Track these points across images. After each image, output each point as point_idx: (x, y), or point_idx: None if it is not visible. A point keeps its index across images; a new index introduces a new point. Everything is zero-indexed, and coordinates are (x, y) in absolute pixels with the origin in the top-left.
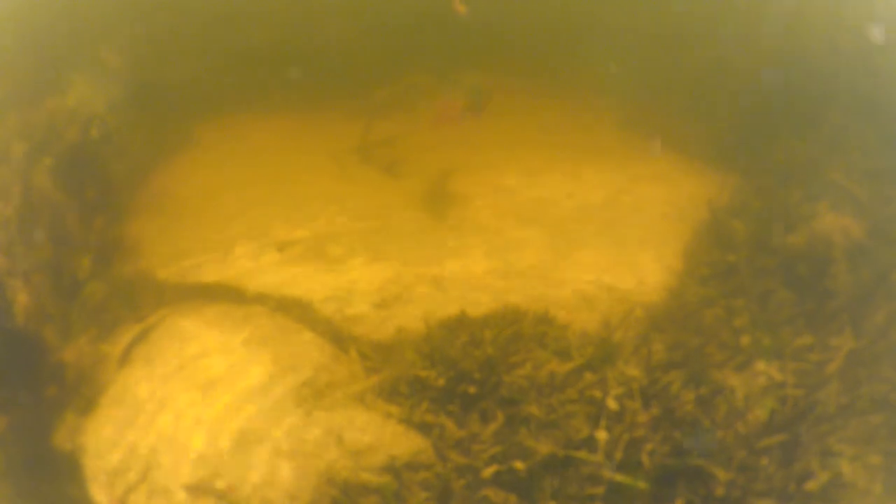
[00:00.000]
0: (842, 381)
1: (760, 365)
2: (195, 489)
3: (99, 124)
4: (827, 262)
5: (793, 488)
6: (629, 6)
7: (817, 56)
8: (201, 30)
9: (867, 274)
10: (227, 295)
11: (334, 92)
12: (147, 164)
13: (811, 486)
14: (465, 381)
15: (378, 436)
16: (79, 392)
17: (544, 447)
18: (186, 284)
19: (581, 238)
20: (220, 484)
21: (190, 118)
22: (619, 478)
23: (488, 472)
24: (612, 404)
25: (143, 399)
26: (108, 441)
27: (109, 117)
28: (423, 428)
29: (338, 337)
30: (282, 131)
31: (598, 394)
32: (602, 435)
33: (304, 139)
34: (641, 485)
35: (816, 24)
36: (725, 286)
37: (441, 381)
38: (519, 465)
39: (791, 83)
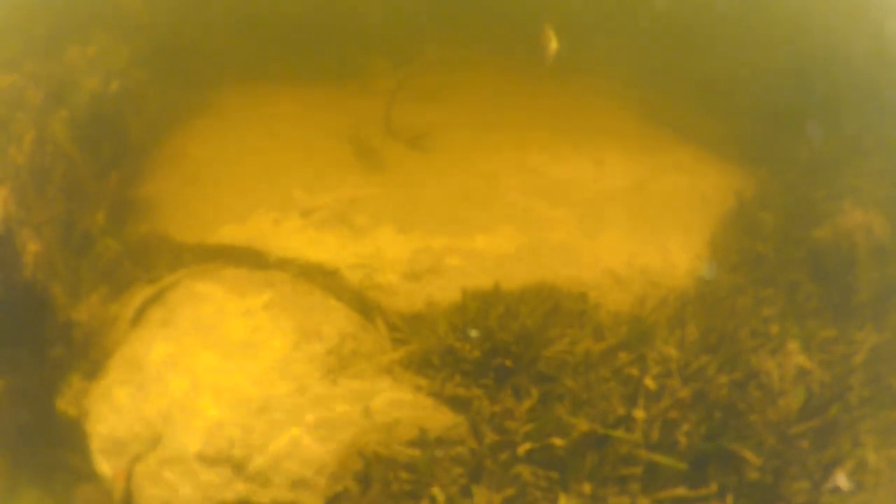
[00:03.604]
0: (864, 374)
1: (794, 351)
2: (210, 459)
3: (119, 77)
4: (851, 257)
5: (820, 475)
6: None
7: (839, 56)
8: None
9: (890, 271)
10: (248, 259)
11: (359, 65)
12: (166, 124)
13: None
14: (501, 353)
15: (407, 409)
16: (86, 354)
17: (583, 424)
18: (204, 246)
19: (609, 220)
20: (237, 454)
21: (211, 83)
22: (659, 458)
23: (523, 448)
24: (650, 383)
25: (155, 363)
26: (115, 407)
27: (130, 71)
28: (455, 402)
29: (365, 306)
30: (304, 102)
31: (634, 372)
32: (640, 414)
33: (327, 111)
34: (680, 465)
35: (837, 24)
36: (754, 275)
37: (476, 353)
38: (558, 441)
39: (812, 82)
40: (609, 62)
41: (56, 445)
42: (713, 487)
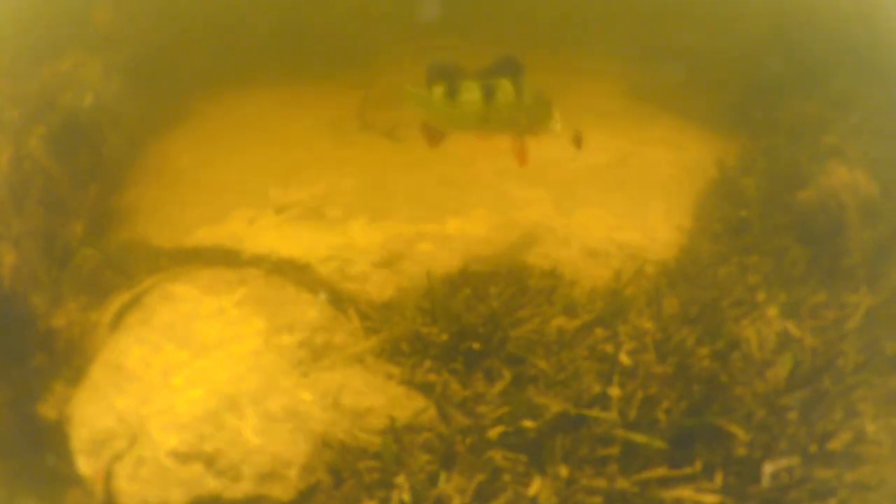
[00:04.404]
0: (858, 339)
1: (774, 318)
2: (182, 455)
3: (94, 91)
4: (839, 218)
5: (814, 449)
6: None
7: (820, 17)
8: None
9: (881, 231)
10: (222, 259)
11: (333, 62)
12: (143, 134)
13: (834, 445)
14: (468, 336)
15: (378, 398)
16: (68, 361)
17: (555, 405)
18: (181, 250)
19: (587, 198)
20: (208, 449)
21: (191, 91)
22: (636, 437)
23: (495, 432)
24: (624, 359)
25: (132, 365)
26: (95, 410)
27: (105, 84)
28: (425, 388)
29: (337, 297)
30: (280, 102)
31: (609, 349)
32: (615, 391)
33: (303, 108)
34: (659, 444)
35: None
36: (738, 243)
37: (443, 337)
38: (528, 423)
39: (794, 45)
40: (590, 40)
41: (44, 453)
42: (698, 466)
